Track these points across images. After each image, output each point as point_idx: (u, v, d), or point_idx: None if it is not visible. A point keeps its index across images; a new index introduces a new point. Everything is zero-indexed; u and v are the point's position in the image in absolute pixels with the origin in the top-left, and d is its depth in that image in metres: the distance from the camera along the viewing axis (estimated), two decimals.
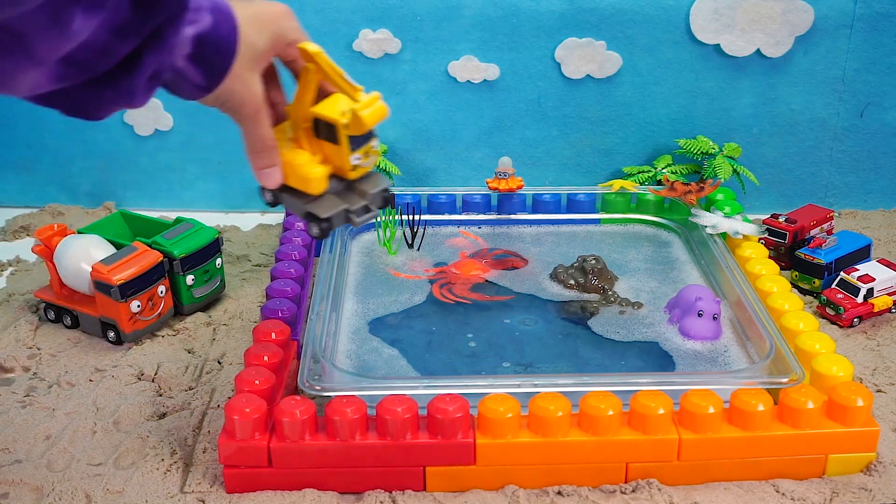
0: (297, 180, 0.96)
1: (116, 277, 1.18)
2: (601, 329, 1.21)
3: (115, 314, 1.20)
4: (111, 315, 1.21)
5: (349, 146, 0.94)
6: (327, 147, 0.95)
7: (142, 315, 1.21)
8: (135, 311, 1.20)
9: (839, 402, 0.99)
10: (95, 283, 1.19)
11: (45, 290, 1.28)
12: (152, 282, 1.22)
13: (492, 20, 1.52)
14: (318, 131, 0.95)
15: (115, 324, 1.21)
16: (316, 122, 0.95)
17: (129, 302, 1.19)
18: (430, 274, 1.35)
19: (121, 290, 1.18)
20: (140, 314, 1.20)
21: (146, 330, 1.23)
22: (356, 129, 0.92)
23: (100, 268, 1.19)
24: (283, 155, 0.95)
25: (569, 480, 0.99)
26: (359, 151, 0.95)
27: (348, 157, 0.94)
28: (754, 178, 1.55)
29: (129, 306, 1.19)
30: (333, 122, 0.93)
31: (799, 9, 1.49)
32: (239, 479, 0.98)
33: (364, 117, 0.91)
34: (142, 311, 1.21)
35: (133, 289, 1.19)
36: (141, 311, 1.20)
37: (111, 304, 1.19)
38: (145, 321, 1.22)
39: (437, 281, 1.33)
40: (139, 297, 1.20)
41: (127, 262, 1.20)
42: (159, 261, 1.23)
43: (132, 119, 1.59)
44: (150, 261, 1.21)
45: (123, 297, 1.18)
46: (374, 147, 0.96)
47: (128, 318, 1.20)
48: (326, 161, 0.96)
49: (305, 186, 0.95)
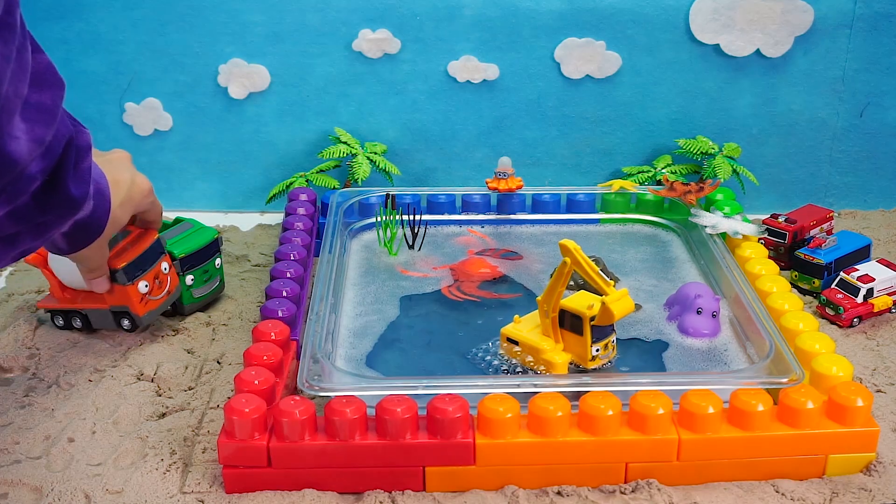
0: (539, 362, 1.10)
1: (118, 260, 1.17)
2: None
3: (126, 299, 1.19)
4: (122, 302, 1.19)
5: (592, 337, 1.08)
6: (569, 337, 1.10)
7: (151, 295, 1.20)
8: (143, 291, 1.19)
9: (839, 403, 0.99)
10: None
11: (47, 300, 1.26)
12: (154, 260, 1.21)
13: (491, 20, 1.52)
14: (562, 322, 1.10)
15: (126, 310, 1.20)
16: (562, 312, 1.09)
17: (137, 283, 1.18)
18: (439, 272, 1.35)
19: (126, 273, 1.17)
20: (149, 294, 1.20)
21: (159, 310, 1.23)
22: (603, 320, 1.06)
23: None
24: (531, 340, 1.11)
25: (568, 480, 0.99)
26: (599, 343, 1.09)
27: (590, 348, 1.08)
28: (754, 178, 1.55)
29: (138, 287, 1.18)
30: (580, 314, 1.07)
31: (799, 9, 1.49)
32: (238, 480, 0.98)
33: (613, 309, 1.04)
34: (150, 290, 1.20)
35: (138, 270, 1.18)
36: (150, 290, 1.19)
37: (119, 290, 1.18)
38: (156, 300, 1.21)
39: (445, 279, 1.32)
40: (145, 276, 1.19)
41: (124, 246, 1.19)
42: (156, 238, 1.22)
43: (132, 119, 1.59)
44: (147, 240, 1.21)
45: (130, 279, 1.17)
46: (612, 342, 1.11)
47: (138, 300, 1.19)
48: (568, 350, 1.10)
49: (548, 370, 1.10)
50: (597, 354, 1.10)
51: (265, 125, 1.59)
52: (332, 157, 1.54)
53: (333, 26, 1.53)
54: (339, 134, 1.57)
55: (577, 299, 1.09)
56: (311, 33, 1.54)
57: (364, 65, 1.55)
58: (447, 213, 1.48)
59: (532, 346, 1.10)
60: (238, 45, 1.54)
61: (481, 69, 1.55)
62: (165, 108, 1.58)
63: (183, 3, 1.52)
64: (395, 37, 1.53)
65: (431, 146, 1.61)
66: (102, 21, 1.53)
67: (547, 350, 1.09)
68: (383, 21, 1.52)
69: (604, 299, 1.05)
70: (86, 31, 1.54)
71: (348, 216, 1.45)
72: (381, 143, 1.58)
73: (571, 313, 1.08)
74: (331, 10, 1.52)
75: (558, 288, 1.08)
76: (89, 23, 1.53)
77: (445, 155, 1.61)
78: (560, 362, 1.08)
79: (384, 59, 1.55)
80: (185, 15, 1.52)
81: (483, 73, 1.55)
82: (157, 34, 1.54)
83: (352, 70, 1.56)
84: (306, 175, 1.56)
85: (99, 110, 1.59)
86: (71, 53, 1.55)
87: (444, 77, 1.56)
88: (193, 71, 1.56)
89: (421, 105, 1.58)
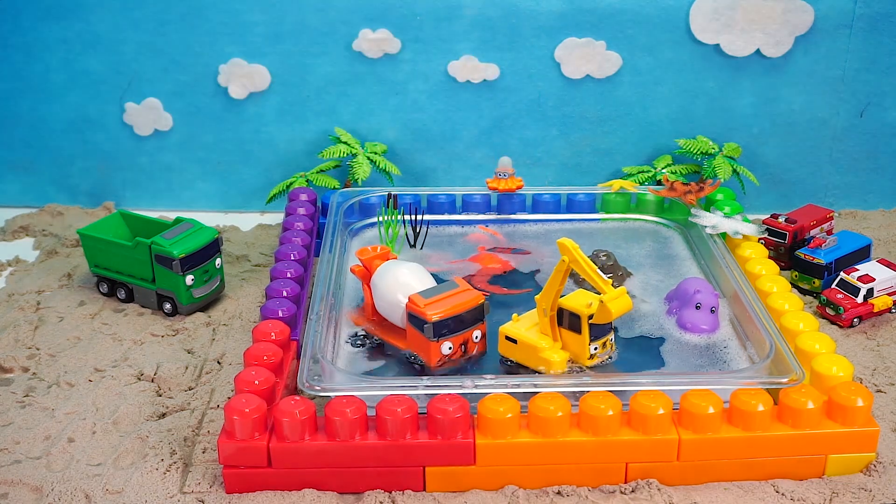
0: (538, 361, 1.09)
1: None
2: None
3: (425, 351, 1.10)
4: (418, 352, 1.12)
5: (590, 336, 1.08)
6: (567, 335, 1.10)
7: (451, 357, 1.11)
8: (445, 352, 1.10)
9: (839, 403, 0.99)
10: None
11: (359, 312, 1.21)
12: (470, 324, 1.12)
13: (491, 20, 1.52)
14: (560, 320, 1.10)
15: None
16: (560, 311, 1.09)
17: (442, 342, 1.09)
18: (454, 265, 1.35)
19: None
20: (450, 356, 1.11)
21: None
22: (601, 318, 1.06)
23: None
24: (530, 339, 1.10)
25: (568, 480, 0.99)
26: (598, 342, 1.09)
27: (588, 346, 1.09)
28: (754, 178, 1.55)
29: (441, 347, 1.10)
30: (578, 312, 1.07)
31: (799, 9, 1.49)
32: (238, 480, 0.98)
33: (611, 308, 1.04)
34: (453, 353, 1.11)
35: (445, 329, 1.10)
36: (452, 353, 1.11)
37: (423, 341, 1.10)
38: (453, 362, 1.12)
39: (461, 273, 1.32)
40: (454, 338, 1.10)
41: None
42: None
43: (132, 119, 1.59)
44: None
45: (437, 335, 1.09)
46: (610, 340, 1.11)
47: (437, 357, 1.10)
48: (566, 348, 1.10)
49: (547, 368, 1.09)
50: (595, 353, 1.10)
51: (265, 125, 1.59)
52: (333, 157, 1.54)
53: (334, 26, 1.53)
54: (340, 134, 1.57)
55: (575, 298, 1.09)
56: (312, 33, 1.54)
57: (364, 65, 1.55)
58: (447, 213, 1.48)
59: (530, 345, 1.10)
60: (238, 45, 1.54)
61: (481, 69, 1.55)
62: (165, 108, 1.58)
63: (183, 3, 1.52)
64: (396, 37, 1.53)
65: (431, 146, 1.61)
66: (102, 21, 1.53)
67: (545, 348, 1.09)
68: (383, 21, 1.52)
69: (602, 298, 1.05)
70: (86, 31, 1.54)
71: (348, 216, 1.45)
72: (381, 143, 1.58)
73: (570, 312, 1.09)
74: (331, 10, 1.52)
75: (556, 286, 1.08)
76: (89, 23, 1.53)
77: (445, 155, 1.61)
78: (558, 360, 1.08)
79: (384, 59, 1.55)
80: (185, 15, 1.52)
81: (483, 73, 1.55)
82: (157, 34, 1.54)
83: (352, 70, 1.56)
84: (306, 175, 1.56)
85: (99, 110, 1.59)
86: (71, 53, 1.55)
87: (444, 77, 1.56)
88: (193, 71, 1.56)
89: (421, 105, 1.58)
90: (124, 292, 1.33)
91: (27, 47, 1.55)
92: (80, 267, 1.43)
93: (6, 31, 1.54)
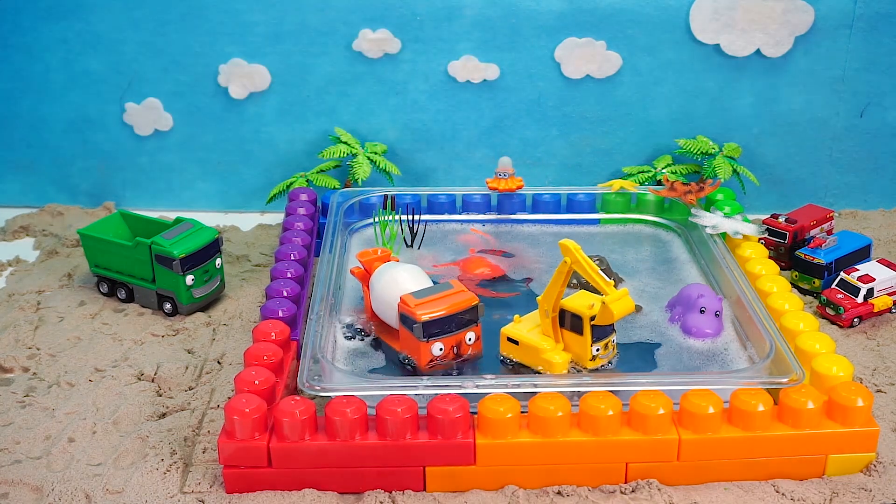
0: (539, 362, 1.10)
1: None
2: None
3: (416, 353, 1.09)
4: (411, 354, 1.11)
5: (592, 337, 1.08)
6: (569, 336, 1.10)
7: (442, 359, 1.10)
8: (436, 353, 1.09)
9: (839, 403, 0.99)
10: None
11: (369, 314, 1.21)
12: (460, 327, 1.10)
13: (491, 20, 1.52)
14: (562, 322, 1.10)
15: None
16: (562, 312, 1.09)
17: (432, 343, 1.09)
18: (439, 269, 1.35)
19: (424, 328, 1.08)
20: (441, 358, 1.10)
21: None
22: (604, 320, 1.05)
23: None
24: (531, 340, 1.10)
25: (568, 480, 0.99)
26: (599, 343, 1.09)
27: (590, 347, 1.08)
28: (754, 178, 1.55)
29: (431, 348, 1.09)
30: (580, 314, 1.07)
31: (799, 9, 1.49)
32: (239, 480, 0.98)
33: (613, 309, 1.04)
34: (444, 354, 1.10)
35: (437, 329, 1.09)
36: (443, 354, 1.10)
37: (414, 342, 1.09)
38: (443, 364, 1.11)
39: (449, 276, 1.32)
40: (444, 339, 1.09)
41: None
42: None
43: (132, 119, 1.59)
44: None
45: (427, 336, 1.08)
46: (613, 341, 1.11)
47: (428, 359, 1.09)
48: (568, 349, 1.10)
49: (548, 370, 1.09)
50: (597, 354, 1.10)
51: (265, 125, 1.59)
52: (333, 157, 1.54)
53: (333, 26, 1.53)
54: (340, 134, 1.57)
55: (577, 299, 1.09)
56: (312, 33, 1.54)
57: (364, 65, 1.55)
58: (447, 213, 1.48)
59: (532, 346, 1.10)
60: (238, 45, 1.54)
61: (481, 69, 1.55)
62: (165, 108, 1.58)
63: (183, 3, 1.52)
64: (396, 37, 1.53)
65: (432, 146, 1.61)
66: (102, 21, 1.53)
67: (547, 350, 1.09)
68: (383, 21, 1.52)
69: (604, 299, 1.05)
70: (86, 31, 1.54)
71: (349, 216, 1.45)
72: (381, 143, 1.58)
73: (572, 313, 1.09)
74: (331, 10, 1.52)
75: (558, 288, 1.08)
76: (89, 23, 1.53)
77: (446, 155, 1.61)
78: (560, 362, 1.08)
79: (384, 59, 1.55)
80: (185, 15, 1.53)
81: (483, 73, 1.55)
82: (157, 34, 1.54)
83: (352, 70, 1.56)
84: (306, 175, 1.56)
85: (99, 110, 1.59)
86: (71, 53, 1.55)
87: (444, 77, 1.56)
88: (193, 71, 1.56)
89: (421, 105, 1.58)
90: (124, 292, 1.33)
91: (27, 47, 1.55)
92: (80, 267, 1.43)
93: (6, 31, 1.54)
